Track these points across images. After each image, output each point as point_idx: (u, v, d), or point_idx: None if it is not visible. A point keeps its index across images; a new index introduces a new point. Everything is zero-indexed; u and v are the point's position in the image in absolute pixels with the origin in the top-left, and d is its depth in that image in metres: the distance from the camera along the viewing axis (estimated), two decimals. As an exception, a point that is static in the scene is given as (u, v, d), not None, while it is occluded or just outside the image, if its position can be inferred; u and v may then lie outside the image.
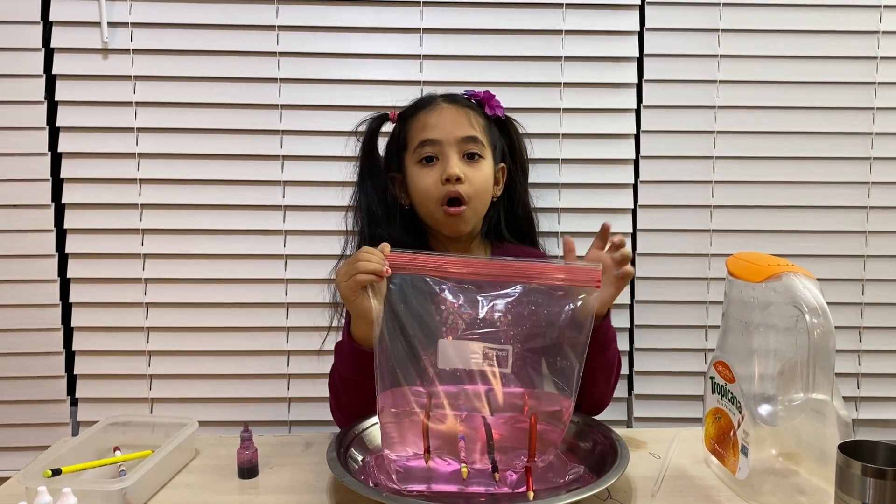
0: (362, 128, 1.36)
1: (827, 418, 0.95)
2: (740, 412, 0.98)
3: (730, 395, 1.01)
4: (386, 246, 1.07)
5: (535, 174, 1.53)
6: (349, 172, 1.42)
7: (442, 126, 1.28)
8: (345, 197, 1.43)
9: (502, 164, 1.38)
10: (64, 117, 1.56)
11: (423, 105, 1.33)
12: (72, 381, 1.63)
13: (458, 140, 1.27)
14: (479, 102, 1.36)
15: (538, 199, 1.53)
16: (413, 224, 1.34)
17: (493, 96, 1.37)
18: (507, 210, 1.42)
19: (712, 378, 1.06)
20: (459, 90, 1.40)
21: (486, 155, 1.31)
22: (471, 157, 1.29)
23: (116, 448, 1.13)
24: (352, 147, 1.41)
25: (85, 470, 1.04)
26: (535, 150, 1.52)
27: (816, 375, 0.91)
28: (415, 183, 1.30)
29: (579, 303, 1.03)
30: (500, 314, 1.05)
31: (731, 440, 1.01)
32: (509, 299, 1.05)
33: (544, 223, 1.56)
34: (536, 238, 1.48)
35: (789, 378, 0.98)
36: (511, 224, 1.43)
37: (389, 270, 1.04)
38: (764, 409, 0.96)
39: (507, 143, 1.40)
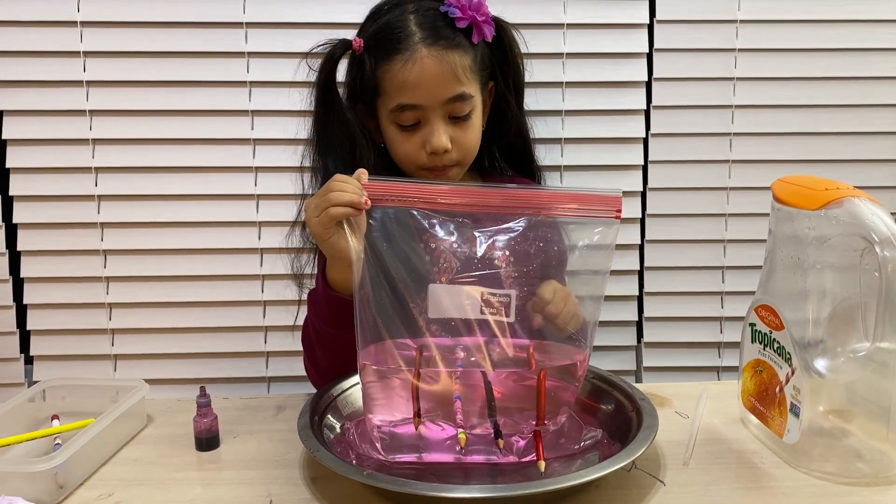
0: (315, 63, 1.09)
1: (891, 370, 0.80)
2: (790, 365, 0.83)
3: (775, 345, 0.85)
4: (363, 173, 0.89)
5: (536, 100, 1.36)
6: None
7: (424, 87, 1.05)
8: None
9: (491, 84, 1.17)
10: (2, 70, 1.39)
11: (395, 47, 1.05)
12: (25, 337, 1.49)
13: (443, 102, 1.06)
14: (464, 31, 1.09)
15: (539, 127, 1.34)
16: (390, 162, 1.14)
17: (481, 16, 1.09)
18: (497, 136, 1.22)
19: (752, 325, 0.90)
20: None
21: (475, 104, 1.10)
22: (458, 117, 1.08)
23: (55, 417, 0.97)
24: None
25: (10, 446, 0.88)
26: (535, 72, 1.36)
27: (887, 321, 0.75)
28: (392, 144, 1.10)
29: (596, 237, 0.87)
30: (502, 253, 0.90)
31: (776, 397, 0.86)
32: (512, 235, 0.89)
33: (546, 155, 1.39)
34: (534, 168, 1.29)
35: (843, 323, 0.83)
36: (504, 152, 1.24)
37: (369, 202, 0.87)
38: (820, 363, 0.80)
39: (499, 57, 1.16)
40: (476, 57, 1.10)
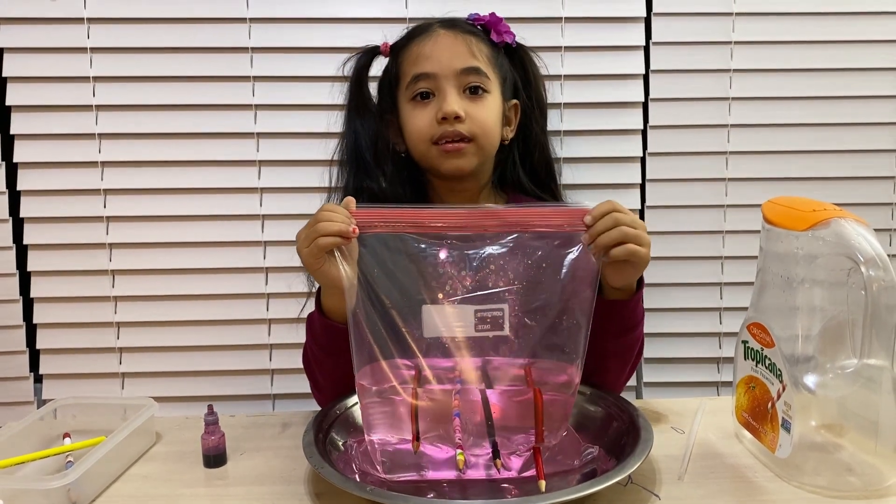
0: (349, 67, 1.19)
1: (879, 385, 0.82)
2: (781, 381, 0.85)
3: (767, 362, 0.88)
4: (351, 201, 0.92)
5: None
6: (330, 122, 1.27)
7: (437, 56, 1.10)
8: (327, 150, 1.26)
9: (515, 101, 1.21)
10: (11, 66, 1.41)
11: (416, 33, 1.15)
12: (34, 356, 1.51)
13: (456, 72, 1.10)
14: (483, 28, 1.18)
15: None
16: (410, 173, 1.18)
17: (501, 20, 1.18)
18: (522, 154, 1.24)
19: (745, 342, 0.93)
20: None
21: (491, 89, 1.13)
22: (473, 92, 1.11)
23: (66, 435, 0.99)
24: (330, 93, 1.25)
25: (24, 464, 0.90)
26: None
27: (873, 338, 0.78)
28: (407, 123, 1.13)
29: (578, 250, 0.90)
30: (493, 271, 0.92)
31: (768, 413, 0.88)
32: (502, 252, 0.91)
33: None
34: (557, 188, 1.31)
35: (832, 339, 0.85)
36: (528, 170, 1.25)
37: (357, 230, 0.89)
38: (810, 379, 0.83)
39: (521, 74, 1.22)
40: (495, 55, 1.16)
